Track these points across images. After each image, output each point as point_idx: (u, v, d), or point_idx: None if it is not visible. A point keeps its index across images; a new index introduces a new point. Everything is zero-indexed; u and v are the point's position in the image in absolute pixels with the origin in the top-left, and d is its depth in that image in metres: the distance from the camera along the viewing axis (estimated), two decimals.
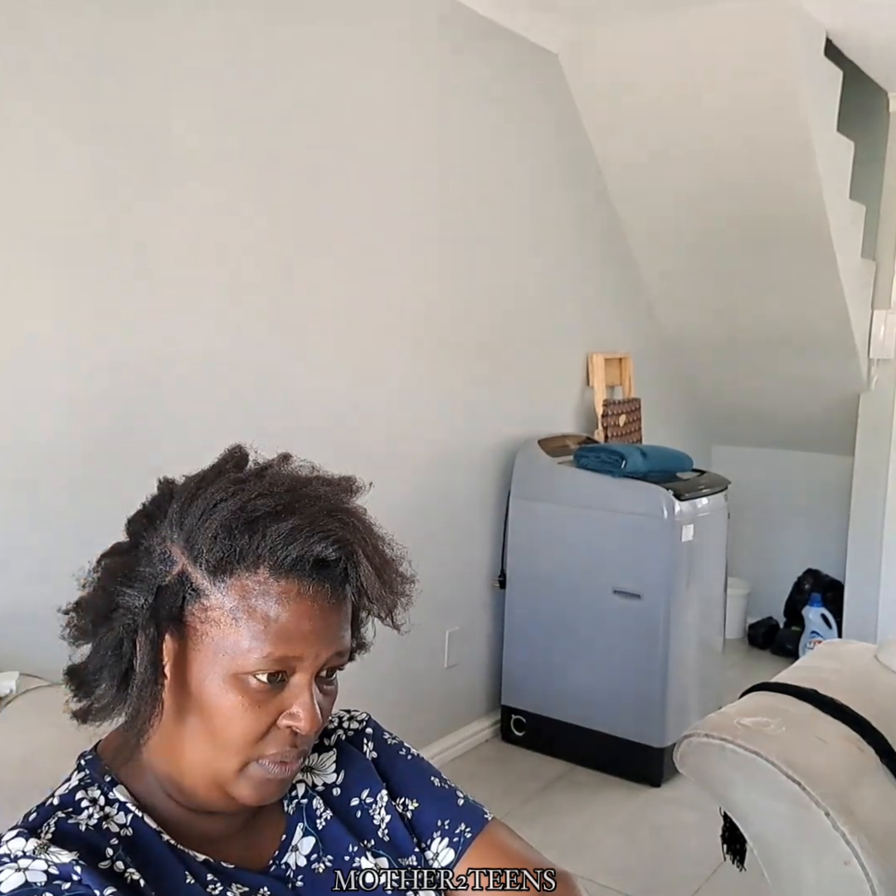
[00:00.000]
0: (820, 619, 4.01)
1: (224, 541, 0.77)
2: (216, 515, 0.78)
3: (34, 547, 1.90)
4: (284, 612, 0.77)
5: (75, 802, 0.79)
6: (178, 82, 2.10)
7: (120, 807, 0.80)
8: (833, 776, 1.44)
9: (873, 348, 3.79)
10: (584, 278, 3.59)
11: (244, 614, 0.77)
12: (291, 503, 0.79)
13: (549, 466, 3.13)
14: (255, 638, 0.77)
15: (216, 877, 0.80)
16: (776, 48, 2.90)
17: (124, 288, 2.05)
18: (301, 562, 0.77)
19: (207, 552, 0.77)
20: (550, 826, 2.69)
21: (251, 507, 0.78)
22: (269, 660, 0.77)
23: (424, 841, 0.92)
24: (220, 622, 0.77)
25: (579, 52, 3.22)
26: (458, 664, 3.14)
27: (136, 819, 0.79)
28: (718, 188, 3.42)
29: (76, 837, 0.76)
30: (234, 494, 0.79)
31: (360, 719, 0.99)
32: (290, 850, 0.87)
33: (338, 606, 0.81)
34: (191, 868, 0.79)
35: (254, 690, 0.78)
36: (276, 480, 0.82)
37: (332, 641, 0.80)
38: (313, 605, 0.78)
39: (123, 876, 0.75)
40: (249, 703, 0.77)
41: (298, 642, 0.78)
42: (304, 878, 0.85)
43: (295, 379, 2.47)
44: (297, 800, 0.90)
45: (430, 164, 2.82)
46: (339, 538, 0.78)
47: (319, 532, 0.77)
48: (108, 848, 0.76)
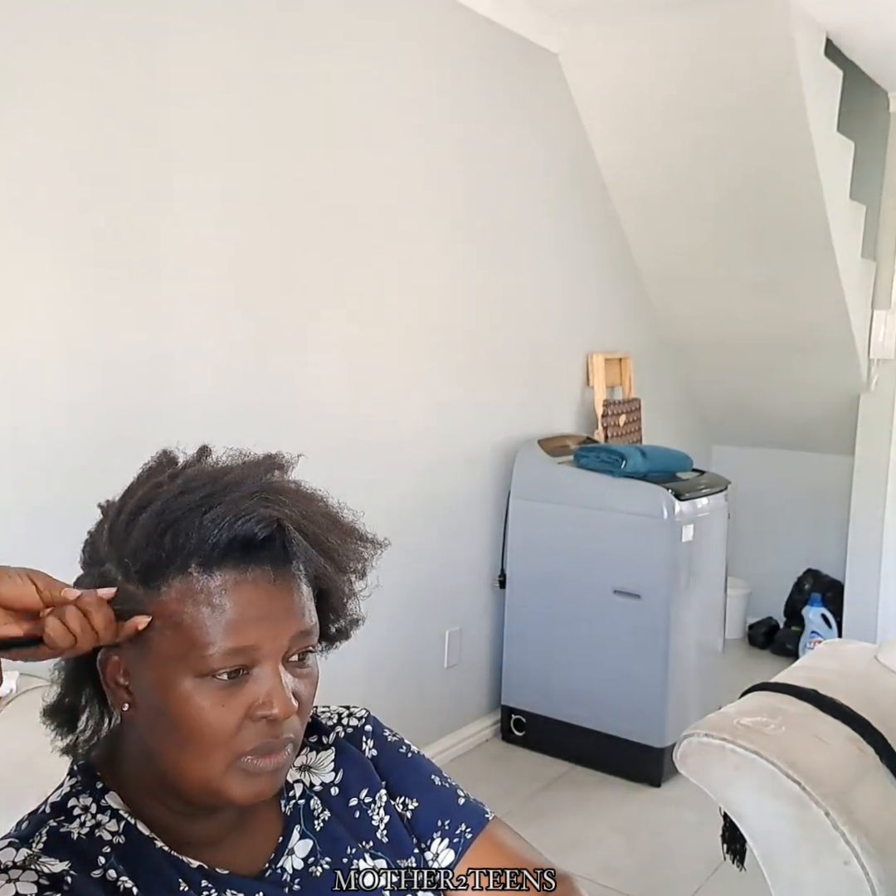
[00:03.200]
0: (820, 619, 4.01)
1: (148, 548, 0.75)
2: (139, 525, 0.76)
3: (34, 547, 1.90)
4: (227, 603, 0.75)
5: (67, 810, 0.78)
6: (182, 83, 2.10)
7: (112, 814, 0.79)
8: (833, 776, 1.44)
9: (873, 348, 3.79)
10: (584, 278, 3.59)
11: (187, 617, 0.75)
12: (211, 495, 0.77)
13: (549, 466, 3.13)
14: (205, 637, 0.75)
15: (210, 883, 0.79)
16: (776, 48, 2.90)
17: (125, 289, 2.05)
18: (231, 549, 0.75)
19: (135, 563, 0.76)
20: (550, 826, 2.68)
21: (172, 508, 0.76)
22: (224, 655, 0.75)
23: (424, 841, 0.92)
24: (166, 630, 0.75)
25: (579, 52, 3.22)
26: (458, 664, 3.14)
27: (128, 826, 0.78)
28: (718, 188, 3.42)
29: (68, 846, 0.75)
30: (153, 500, 0.77)
31: (359, 716, 0.98)
32: (287, 854, 0.85)
33: (286, 586, 0.78)
34: (185, 875, 0.78)
35: (217, 690, 0.76)
36: (195, 476, 0.80)
37: (289, 623, 0.77)
38: (256, 590, 0.76)
39: (116, 884, 0.74)
40: (214, 703, 0.75)
41: (250, 631, 0.75)
42: (301, 881, 0.84)
43: (295, 380, 2.47)
44: (294, 800, 0.89)
45: (429, 164, 2.82)
46: (263, 516, 0.75)
47: (243, 515, 0.75)
48: (101, 856, 0.75)
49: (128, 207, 2.03)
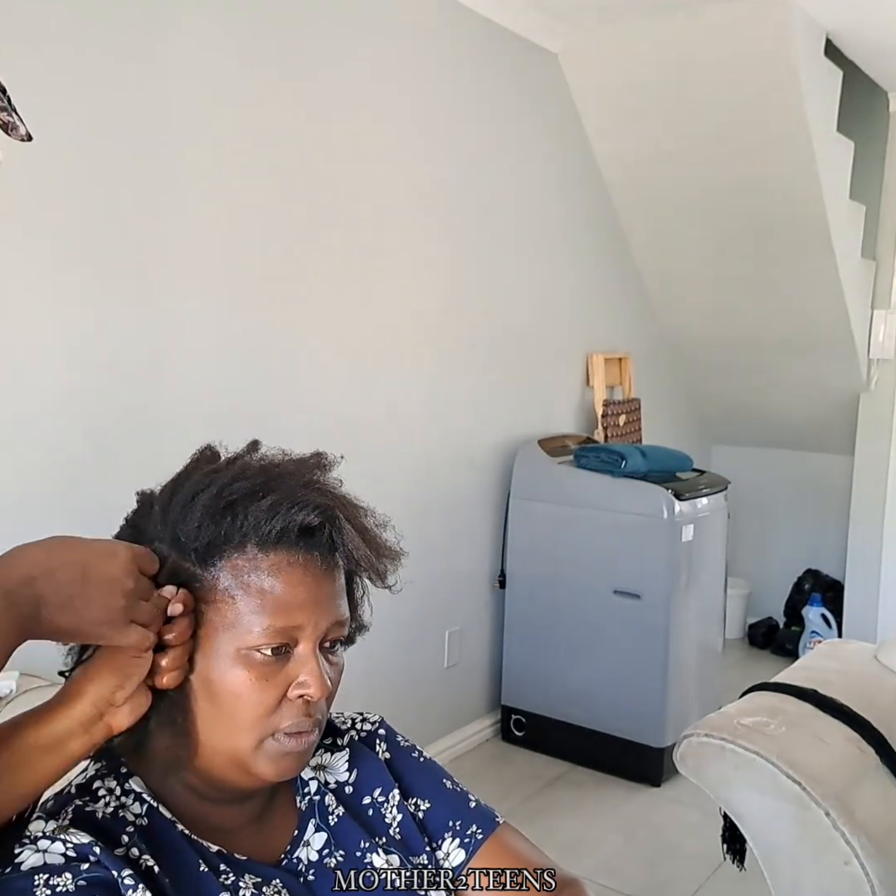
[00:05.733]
0: (820, 619, 4.01)
1: (208, 527, 0.79)
2: (196, 506, 0.80)
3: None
4: (278, 583, 0.79)
5: (92, 791, 0.80)
6: (183, 86, 2.10)
7: (136, 797, 0.81)
8: (833, 776, 1.44)
9: (873, 348, 3.79)
10: (584, 278, 3.60)
11: (240, 591, 0.79)
12: (267, 482, 0.81)
13: (549, 466, 3.13)
14: (254, 613, 0.78)
15: (229, 867, 0.81)
16: (776, 48, 2.90)
17: (124, 288, 2.05)
18: (286, 533, 0.79)
19: (194, 541, 0.79)
20: (550, 826, 2.69)
21: (229, 492, 0.80)
22: (271, 632, 0.78)
23: (436, 841, 0.93)
24: (218, 603, 0.79)
25: (579, 52, 3.23)
26: (458, 664, 3.14)
27: (151, 809, 0.80)
28: (718, 188, 3.42)
29: (93, 824, 0.77)
30: (210, 485, 0.81)
31: (373, 721, 1.00)
32: (302, 846, 0.87)
33: (329, 573, 0.82)
34: (204, 857, 0.80)
35: (260, 665, 0.79)
36: (248, 465, 0.84)
37: (330, 609, 0.82)
38: (305, 574, 0.80)
39: (138, 862, 0.76)
40: (257, 677, 0.79)
41: (296, 611, 0.79)
42: (315, 872, 0.86)
43: (296, 380, 2.47)
44: (309, 796, 0.90)
45: (429, 164, 2.82)
46: (319, 504, 0.80)
47: (299, 502, 0.79)
48: (124, 835, 0.77)
49: (128, 207, 2.03)
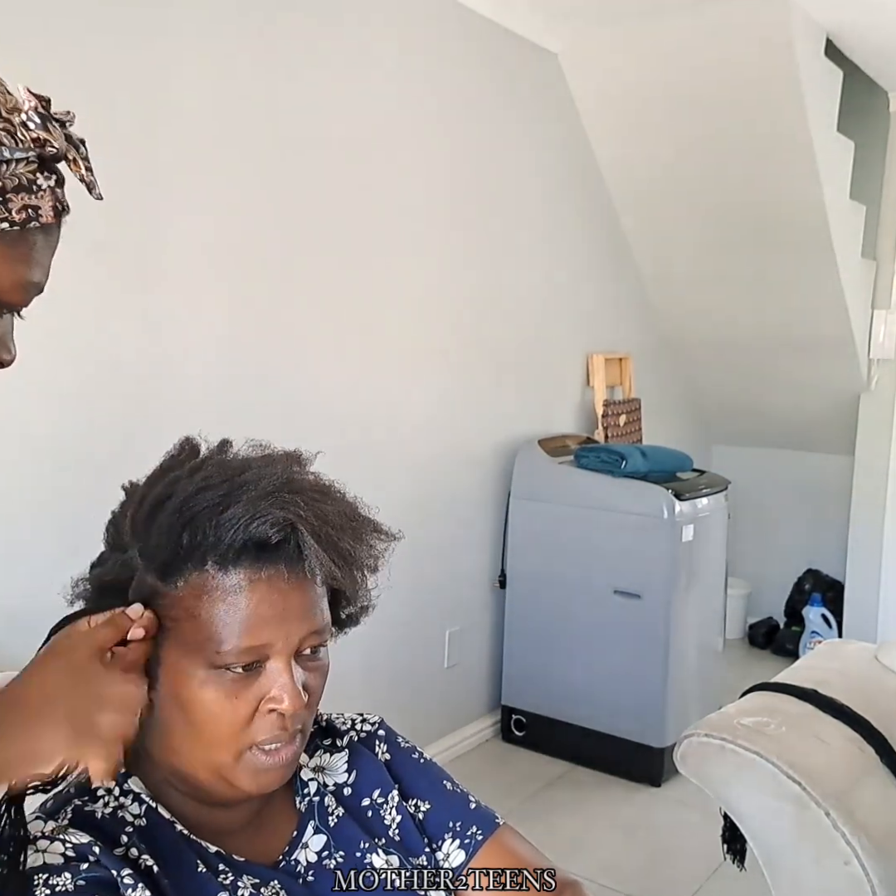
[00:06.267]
0: (820, 619, 4.01)
1: (168, 545, 0.77)
2: (157, 522, 0.78)
3: (34, 547, 1.90)
4: (241, 601, 0.77)
5: (91, 791, 0.80)
6: (183, 85, 2.10)
7: (134, 797, 0.81)
8: (833, 776, 1.44)
9: (873, 348, 3.79)
10: (584, 278, 3.59)
11: (203, 611, 0.77)
12: (229, 493, 0.78)
13: (549, 466, 3.13)
14: (219, 633, 0.77)
15: (228, 868, 0.81)
16: (777, 48, 2.90)
17: (125, 288, 2.05)
18: (246, 549, 0.77)
19: (155, 557, 0.78)
20: (550, 826, 2.68)
21: (189, 506, 0.78)
22: (236, 652, 0.77)
23: (435, 842, 0.93)
24: (183, 622, 0.78)
25: (579, 52, 3.22)
26: (458, 664, 3.14)
27: (149, 809, 0.80)
28: (718, 188, 3.42)
29: (92, 824, 0.77)
30: (172, 496, 0.79)
31: (372, 722, 0.99)
32: (301, 847, 0.87)
33: (299, 585, 0.79)
34: (203, 857, 0.80)
35: (230, 682, 0.78)
36: (213, 473, 0.81)
37: (302, 621, 0.79)
38: (270, 590, 0.78)
39: (138, 862, 0.76)
40: (227, 695, 0.77)
41: (263, 629, 0.77)
42: (314, 873, 0.86)
43: (296, 380, 2.47)
44: (308, 797, 0.90)
45: (429, 164, 2.82)
46: (278, 519, 0.77)
47: (259, 517, 0.76)
48: (123, 835, 0.78)
49: (128, 207, 2.03)
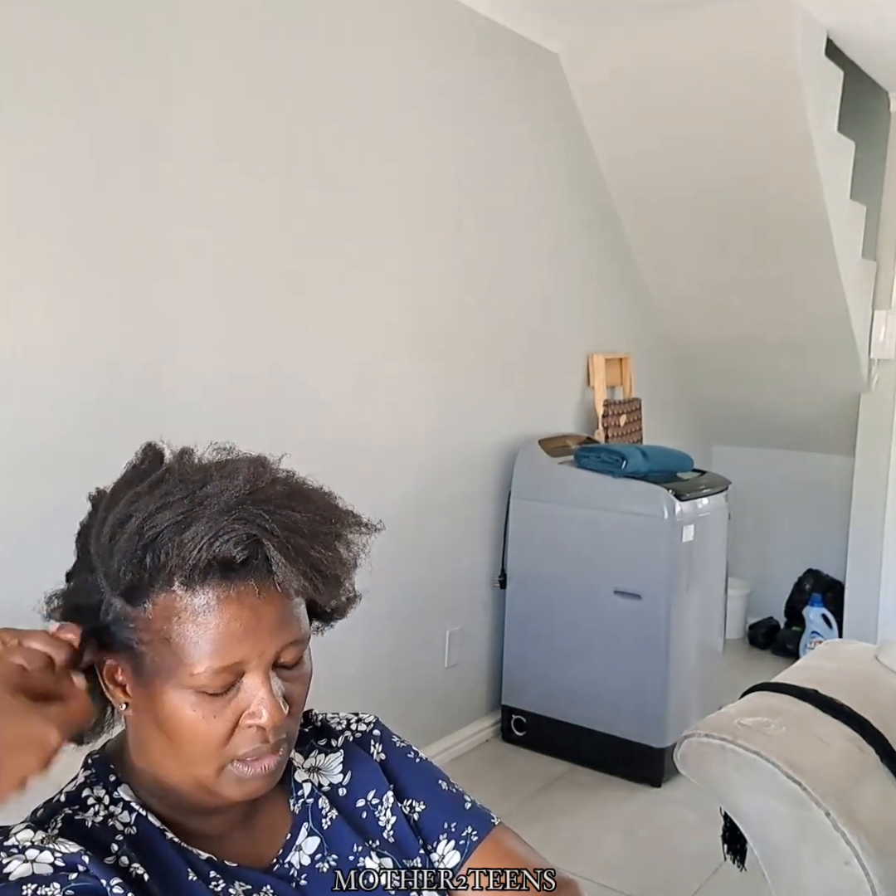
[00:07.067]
0: (820, 619, 4.01)
1: (130, 567, 0.75)
2: (118, 545, 0.76)
3: (35, 548, 1.90)
4: (212, 621, 0.75)
5: (81, 800, 0.80)
6: (184, 83, 2.10)
7: (124, 806, 0.81)
8: (833, 776, 1.44)
9: (873, 348, 3.79)
10: (585, 278, 3.59)
11: (173, 633, 0.75)
12: (190, 510, 0.75)
13: (550, 466, 3.13)
14: (192, 654, 0.75)
15: (219, 874, 0.81)
16: (777, 48, 2.90)
17: (125, 288, 2.05)
18: (211, 568, 0.75)
19: (119, 581, 0.76)
20: (550, 826, 2.69)
21: (150, 526, 0.75)
22: (210, 673, 0.75)
23: (430, 843, 0.92)
24: (155, 644, 0.76)
25: (579, 52, 3.22)
26: (458, 664, 3.14)
27: (140, 818, 0.80)
28: (718, 188, 3.42)
29: (83, 833, 0.77)
30: (132, 516, 0.76)
31: (367, 721, 0.99)
32: (294, 850, 0.87)
33: (271, 599, 0.77)
34: (194, 865, 0.80)
35: (208, 702, 0.76)
36: (173, 488, 0.77)
37: (276, 634, 0.77)
38: (240, 608, 0.75)
39: (128, 871, 0.76)
40: (204, 715, 0.76)
41: (236, 647, 0.75)
42: (308, 876, 0.86)
43: (296, 381, 2.47)
44: (302, 799, 0.90)
45: (430, 164, 2.82)
46: (241, 537, 0.74)
47: (222, 534, 0.74)
48: (114, 844, 0.77)
49: (128, 207, 2.03)
